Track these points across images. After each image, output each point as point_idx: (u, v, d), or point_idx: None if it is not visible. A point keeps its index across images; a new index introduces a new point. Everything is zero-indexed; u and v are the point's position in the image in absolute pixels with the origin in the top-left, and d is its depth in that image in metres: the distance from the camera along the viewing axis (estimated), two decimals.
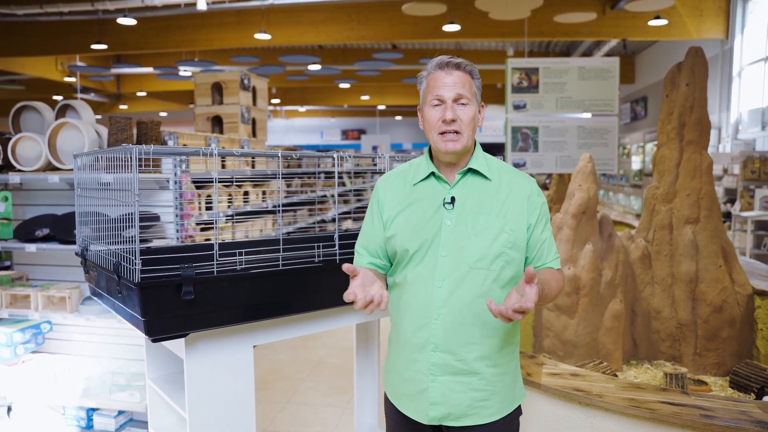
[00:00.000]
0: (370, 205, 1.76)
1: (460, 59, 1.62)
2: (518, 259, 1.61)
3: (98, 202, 2.09)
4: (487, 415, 1.62)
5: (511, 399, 1.67)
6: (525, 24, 9.67)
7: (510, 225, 1.59)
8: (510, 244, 1.58)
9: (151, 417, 2.27)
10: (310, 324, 2.12)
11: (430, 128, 1.60)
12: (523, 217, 1.61)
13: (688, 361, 3.63)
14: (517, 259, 1.61)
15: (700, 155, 3.70)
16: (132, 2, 8.53)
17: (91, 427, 3.45)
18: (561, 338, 3.63)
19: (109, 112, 19.79)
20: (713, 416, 1.90)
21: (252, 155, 2.04)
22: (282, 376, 4.42)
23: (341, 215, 7.87)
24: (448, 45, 13.69)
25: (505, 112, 6.36)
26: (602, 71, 6.21)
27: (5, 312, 3.41)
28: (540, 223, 1.64)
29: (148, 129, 3.28)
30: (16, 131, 3.64)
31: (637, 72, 14.87)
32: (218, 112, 5.28)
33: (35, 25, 10.77)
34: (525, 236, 1.61)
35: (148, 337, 1.70)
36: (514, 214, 1.60)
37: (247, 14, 10.37)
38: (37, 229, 3.32)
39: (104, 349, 3.60)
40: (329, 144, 25.70)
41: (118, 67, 13.70)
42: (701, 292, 3.58)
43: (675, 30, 10.03)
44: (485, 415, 1.61)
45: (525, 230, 1.61)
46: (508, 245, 1.58)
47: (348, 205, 8.75)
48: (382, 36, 10.73)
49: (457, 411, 1.60)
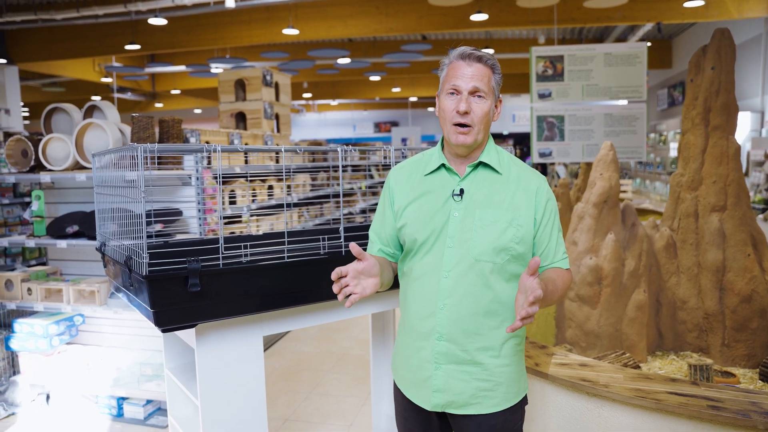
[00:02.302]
0: (382, 194, 1.80)
1: (483, 52, 1.60)
2: (525, 254, 1.60)
3: (115, 200, 2.17)
4: (491, 406, 1.63)
5: (515, 391, 1.67)
6: (554, 11, 9.50)
7: (518, 220, 1.58)
8: (517, 239, 1.58)
9: (170, 405, 2.35)
10: (319, 315, 2.16)
11: (444, 117, 1.61)
12: (531, 212, 1.60)
13: (715, 352, 3.54)
14: (523, 254, 1.60)
15: (727, 140, 3.60)
16: (163, 2, 8.69)
17: (121, 415, 3.58)
18: (583, 329, 3.59)
19: (145, 110, 20.28)
20: (721, 407, 1.86)
21: (255, 150, 2.08)
22: (307, 367, 4.49)
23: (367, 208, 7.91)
24: (478, 35, 13.55)
25: (530, 101, 6.28)
26: (629, 57, 6.06)
27: (41, 305, 3.57)
28: (546, 220, 1.63)
29: (170, 127, 3.37)
30: (48, 132, 3.78)
31: (675, 56, 14.43)
32: (241, 109, 5.37)
33: (73, 29, 11.11)
34: (532, 232, 1.61)
35: (158, 327, 1.76)
36: (523, 209, 1.60)
37: (276, 10, 10.46)
38: (68, 226, 3.46)
39: (133, 341, 3.73)
40: (361, 137, 25.73)
41: (152, 67, 14.02)
42: (729, 282, 3.49)
43: (713, 10, 9.68)
44: (488, 405, 1.63)
45: (532, 226, 1.60)
46: (515, 240, 1.58)
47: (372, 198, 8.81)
48: (411, 27, 10.68)
49: (460, 399, 1.62)
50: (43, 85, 17.00)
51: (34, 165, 3.69)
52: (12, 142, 3.71)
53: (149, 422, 3.52)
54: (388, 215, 1.74)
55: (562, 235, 1.69)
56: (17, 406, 3.70)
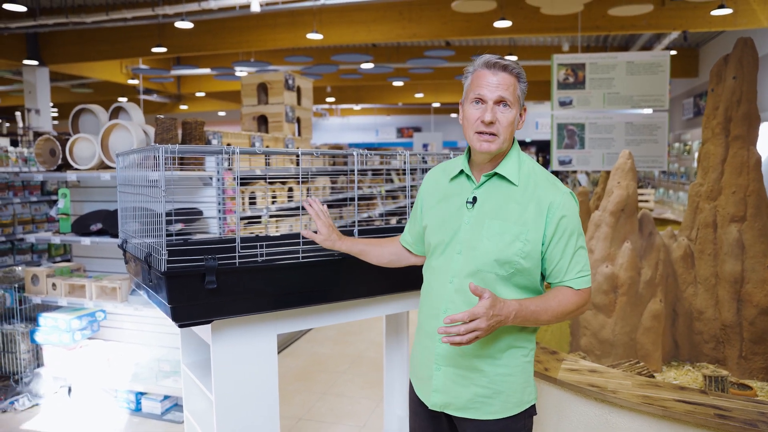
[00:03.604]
0: (418, 192, 1.90)
1: (509, 61, 1.58)
2: (532, 269, 1.58)
3: (137, 199, 2.23)
4: (488, 413, 1.62)
5: (517, 401, 1.64)
6: (579, 18, 9.45)
7: (526, 234, 1.55)
8: (523, 254, 1.55)
9: (186, 400, 2.41)
10: (332, 315, 2.20)
11: (469, 126, 1.59)
12: (540, 228, 1.56)
13: (732, 364, 3.51)
14: (530, 269, 1.57)
15: (748, 151, 3.57)
16: (189, 6, 8.86)
17: (139, 410, 3.66)
18: (598, 337, 3.58)
19: (171, 112, 20.60)
20: (728, 416, 1.85)
21: (272, 153, 2.14)
22: (322, 368, 4.54)
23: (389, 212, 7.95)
24: (502, 41, 13.52)
25: (551, 109, 6.26)
26: (652, 65, 6.01)
27: (64, 300, 3.67)
28: (559, 237, 1.57)
29: (192, 129, 3.45)
30: (75, 132, 3.89)
31: (701, 65, 14.23)
32: (263, 112, 5.46)
33: (102, 32, 11.36)
34: (540, 249, 1.56)
35: (175, 322, 1.82)
36: (532, 224, 1.56)
37: (300, 15, 10.57)
38: (92, 224, 3.55)
39: (152, 338, 3.81)
40: (384, 142, 25.83)
41: (178, 69, 14.25)
42: (747, 293, 3.45)
43: (742, 19, 9.52)
44: (487, 412, 1.62)
45: (540, 243, 1.56)
46: (521, 254, 1.55)
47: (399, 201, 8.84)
48: (434, 33, 10.71)
49: (458, 402, 1.64)
50: (72, 86, 17.39)
51: (62, 164, 3.80)
52: (41, 141, 3.83)
53: (166, 417, 3.59)
54: (417, 214, 1.85)
55: (584, 254, 1.61)
56: (41, 398, 3.81)
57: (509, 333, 1.62)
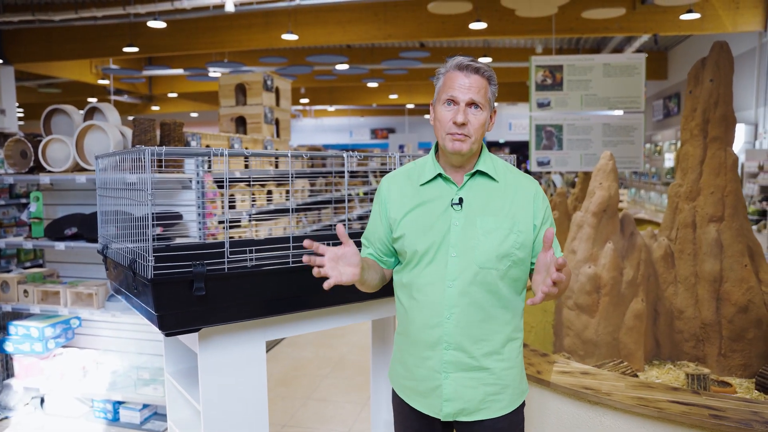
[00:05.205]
0: (375, 201, 1.81)
1: (481, 63, 1.62)
2: (525, 258, 1.64)
3: (118, 202, 2.16)
4: (499, 409, 1.65)
5: (520, 392, 1.71)
6: (553, 21, 9.56)
7: (518, 226, 1.61)
8: (518, 245, 1.61)
9: (170, 410, 2.34)
10: (322, 320, 2.16)
11: (441, 126, 1.62)
12: (530, 217, 1.63)
13: (712, 362, 3.56)
14: (523, 258, 1.63)
15: (725, 152, 3.63)
16: (162, 5, 8.70)
17: (117, 419, 3.56)
18: (581, 337, 3.60)
19: (142, 113, 20.23)
20: (723, 416, 1.87)
21: (262, 155, 2.09)
22: (304, 372, 4.48)
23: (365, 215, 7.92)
24: (476, 43, 13.60)
25: (529, 110, 6.31)
26: (628, 68, 6.10)
27: (37, 308, 3.55)
28: (545, 224, 1.66)
29: (171, 130, 3.37)
30: (47, 134, 3.77)
31: (670, 68, 14.54)
32: (242, 113, 5.38)
33: (71, 30, 11.09)
34: (532, 237, 1.63)
35: (162, 331, 1.75)
36: (521, 215, 1.63)
37: (275, 15, 10.48)
38: (66, 228, 3.44)
39: (130, 345, 3.71)
40: (358, 143, 25.78)
41: (150, 69, 14.00)
42: (726, 292, 3.51)
43: (709, 24, 9.77)
44: (497, 409, 1.65)
45: (532, 231, 1.63)
46: (516, 246, 1.61)
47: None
48: (410, 35, 10.72)
49: (471, 406, 1.63)
50: (39, 86, 16.95)
51: (33, 166, 3.67)
52: (11, 142, 3.69)
53: (145, 427, 3.50)
54: (380, 224, 1.75)
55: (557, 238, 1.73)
56: (11, 410, 3.67)
57: (507, 325, 1.66)
